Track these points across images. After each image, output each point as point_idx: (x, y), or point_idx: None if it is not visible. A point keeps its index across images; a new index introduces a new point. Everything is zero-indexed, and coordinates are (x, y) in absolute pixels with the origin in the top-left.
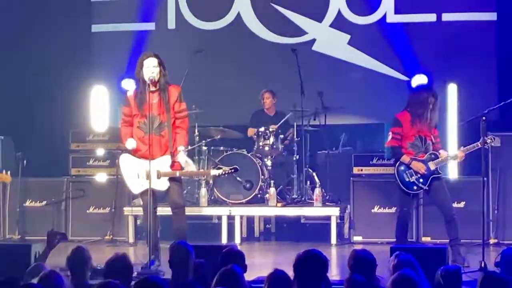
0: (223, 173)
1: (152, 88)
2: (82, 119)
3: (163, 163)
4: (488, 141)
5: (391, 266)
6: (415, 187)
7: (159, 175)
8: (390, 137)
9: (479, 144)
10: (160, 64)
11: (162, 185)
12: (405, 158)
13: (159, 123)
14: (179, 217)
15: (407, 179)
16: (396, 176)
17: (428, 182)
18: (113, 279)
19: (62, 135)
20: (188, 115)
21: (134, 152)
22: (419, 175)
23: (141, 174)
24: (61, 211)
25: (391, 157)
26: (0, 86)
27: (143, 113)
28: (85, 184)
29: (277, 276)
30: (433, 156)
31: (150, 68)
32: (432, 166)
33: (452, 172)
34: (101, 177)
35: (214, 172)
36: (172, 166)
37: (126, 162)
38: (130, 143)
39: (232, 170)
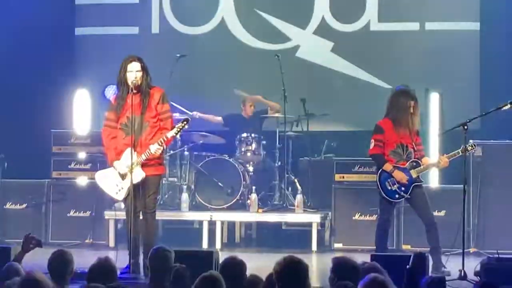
0: (177, 131)
1: (134, 91)
2: (64, 122)
3: (127, 157)
4: (469, 148)
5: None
6: (397, 196)
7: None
8: (372, 144)
9: (460, 152)
10: (143, 68)
11: (137, 176)
12: (388, 167)
13: (140, 123)
14: (149, 224)
15: (389, 188)
16: (378, 184)
17: (410, 190)
18: (97, 283)
19: (44, 137)
20: (172, 116)
21: (118, 155)
22: (401, 184)
23: (116, 178)
24: (42, 214)
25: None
26: None
27: (122, 114)
28: (66, 187)
29: None
30: (414, 164)
31: (134, 72)
32: (413, 174)
33: (433, 181)
34: (82, 180)
35: (171, 133)
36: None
37: (102, 178)
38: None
39: (184, 122)
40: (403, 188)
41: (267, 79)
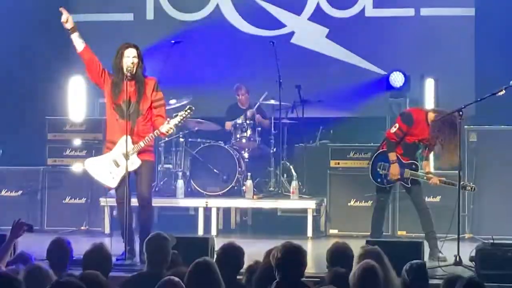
0: (181, 119)
1: (129, 77)
2: (59, 109)
3: (123, 144)
4: (468, 188)
5: (356, 257)
6: (379, 180)
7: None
8: (394, 129)
9: (461, 188)
10: (139, 56)
11: (132, 164)
12: (392, 156)
13: (135, 110)
14: (145, 211)
15: (377, 169)
16: (371, 161)
17: (392, 184)
18: (92, 269)
19: (39, 124)
20: (165, 104)
21: (109, 138)
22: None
23: (110, 166)
24: (37, 201)
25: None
26: None
27: (118, 101)
28: (62, 174)
29: None
30: (413, 166)
31: (130, 58)
32: (406, 173)
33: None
34: (77, 167)
35: (174, 121)
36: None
37: (92, 165)
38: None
39: (188, 110)
40: (388, 178)
41: (262, 65)
